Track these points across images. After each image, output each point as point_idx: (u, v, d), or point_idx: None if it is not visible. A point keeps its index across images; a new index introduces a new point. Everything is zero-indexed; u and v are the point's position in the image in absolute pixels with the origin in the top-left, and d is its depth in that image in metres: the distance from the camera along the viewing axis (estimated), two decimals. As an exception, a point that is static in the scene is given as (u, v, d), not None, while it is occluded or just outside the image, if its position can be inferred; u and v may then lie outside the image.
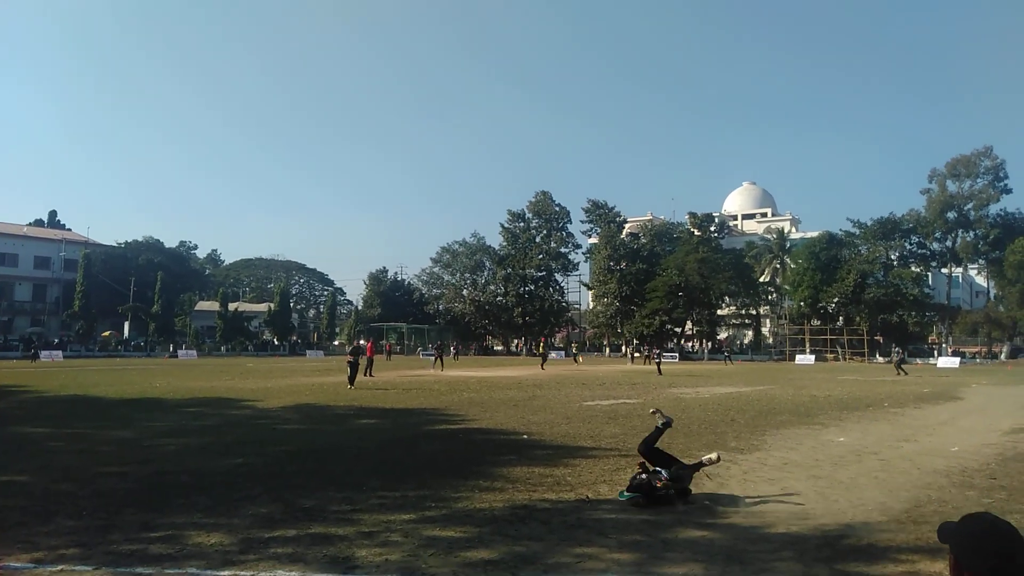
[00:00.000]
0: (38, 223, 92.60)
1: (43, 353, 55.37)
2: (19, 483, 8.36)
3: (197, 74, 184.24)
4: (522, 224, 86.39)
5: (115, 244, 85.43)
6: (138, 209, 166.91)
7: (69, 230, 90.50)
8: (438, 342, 51.55)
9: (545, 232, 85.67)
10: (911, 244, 72.34)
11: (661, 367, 39.11)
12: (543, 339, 60.08)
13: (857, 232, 71.34)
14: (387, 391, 22.98)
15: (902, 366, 39.78)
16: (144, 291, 75.71)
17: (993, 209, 68.35)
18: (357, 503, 7.32)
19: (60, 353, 56.75)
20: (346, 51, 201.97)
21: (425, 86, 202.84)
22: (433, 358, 42.13)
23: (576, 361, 51.46)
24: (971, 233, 69.47)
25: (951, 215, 68.97)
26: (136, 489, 7.96)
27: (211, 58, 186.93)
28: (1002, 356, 65.33)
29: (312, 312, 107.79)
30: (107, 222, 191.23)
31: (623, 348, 77.81)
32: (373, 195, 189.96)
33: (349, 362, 24.94)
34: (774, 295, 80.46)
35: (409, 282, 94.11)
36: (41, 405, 18.35)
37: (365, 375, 30.83)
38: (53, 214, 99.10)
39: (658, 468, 7.40)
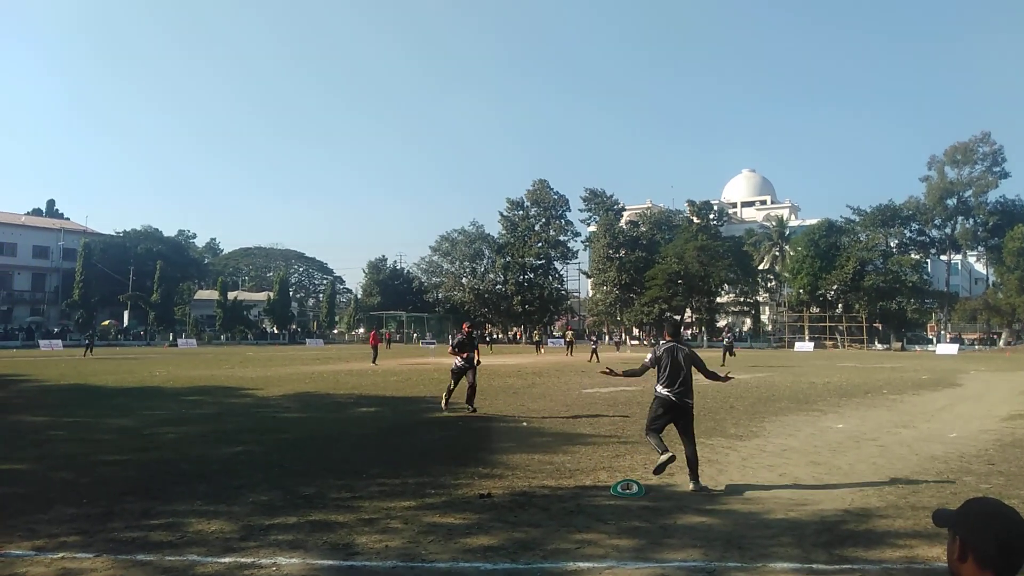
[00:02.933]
0: (36, 212, 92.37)
1: (42, 343, 55.59)
2: (19, 471, 8.38)
3: (198, 61, 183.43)
4: (521, 212, 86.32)
5: (114, 233, 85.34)
6: (137, 198, 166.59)
7: (67, 219, 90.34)
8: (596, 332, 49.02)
9: (544, 220, 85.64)
10: (910, 231, 72.30)
11: (598, 354, 35.87)
12: (540, 328, 57.45)
13: (857, 219, 71.28)
14: (387, 379, 23.01)
15: (732, 350, 37.31)
16: (143, 280, 75.72)
17: (992, 196, 68.31)
18: (357, 490, 7.34)
19: (60, 342, 56.84)
20: (342, 39, 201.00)
21: (424, 75, 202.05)
22: (591, 347, 38.12)
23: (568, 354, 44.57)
24: (970, 220, 69.39)
25: (950, 202, 68.86)
26: (136, 477, 7.97)
27: (212, 44, 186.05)
28: (1001, 342, 65.47)
29: (311, 301, 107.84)
30: (105, 211, 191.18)
31: (622, 335, 77.95)
32: (371, 184, 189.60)
33: (456, 368, 14.03)
34: (773, 282, 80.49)
35: (408, 270, 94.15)
36: (41, 394, 18.37)
37: (372, 363, 30.91)
38: (51, 203, 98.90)
39: None
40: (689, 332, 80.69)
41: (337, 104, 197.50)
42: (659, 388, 7.84)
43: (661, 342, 8.17)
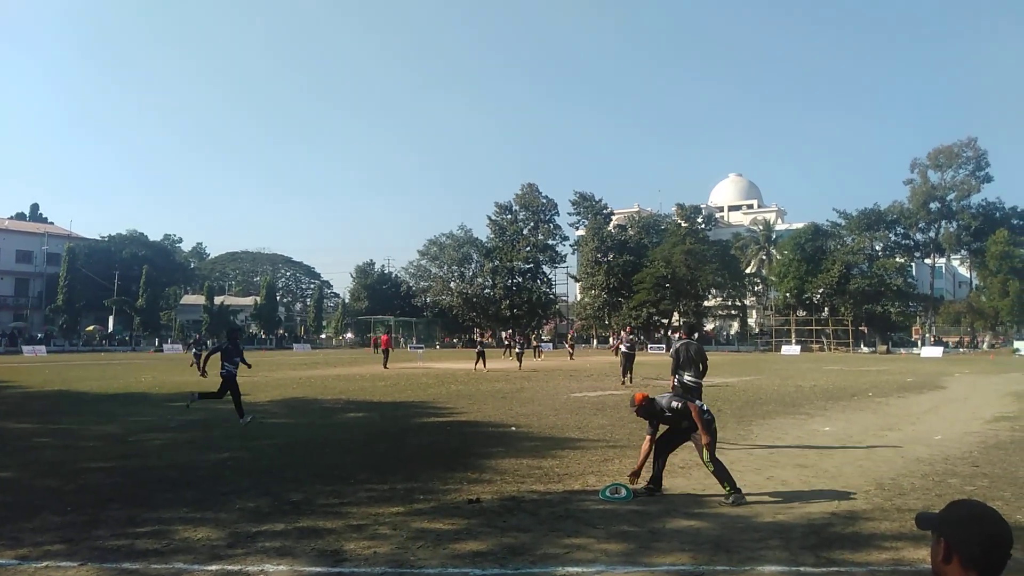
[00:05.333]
0: (20, 216, 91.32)
1: (25, 348, 54.84)
2: (3, 479, 8.30)
3: (186, 64, 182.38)
4: (509, 216, 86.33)
5: (98, 237, 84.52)
6: (122, 202, 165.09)
7: (51, 223, 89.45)
8: (504, 332, 42.10)
9: (532, 224, 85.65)
10: (895, 235, 72.77)
11: (523, 360, 33.91)
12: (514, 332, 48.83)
13: (842, 223, 71.76)
14: (375, 384, 22.94)
15: (521, 357, 34.45)
16: (128, 285, 75.04)
17: (975, 199, 68.87)
18: (345, 496, 7.31)
19: (44, 348, 56.23)
20: (329, 43, 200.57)
21: (410, 79, 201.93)
22: (514, 350, 35.29)
23: (538, 357, 42.12)
24: (953, 223, 70.01)
25: (933, 205, 69.44)
26: (122, 484, 7.91)
27: (200, 48, 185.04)
28: (984, 345, 66.06)
29: (299, 305, 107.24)
30: (90, 215, 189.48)
31: (610, 340, 77.99)
32: (360, 188, 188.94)
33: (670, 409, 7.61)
34: (760, 286, 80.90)
35: (396, 275, 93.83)
36: (25, 400, 18.18)
37: (383, 367, 30.70)
38: (35, 207, 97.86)
39: None
40: (677, 335, 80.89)
41: (325, 108, 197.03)
42: (683, 376, 10.12)
43: (679, 339, 10.94)
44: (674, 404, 7.44)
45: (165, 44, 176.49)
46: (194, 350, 25.80)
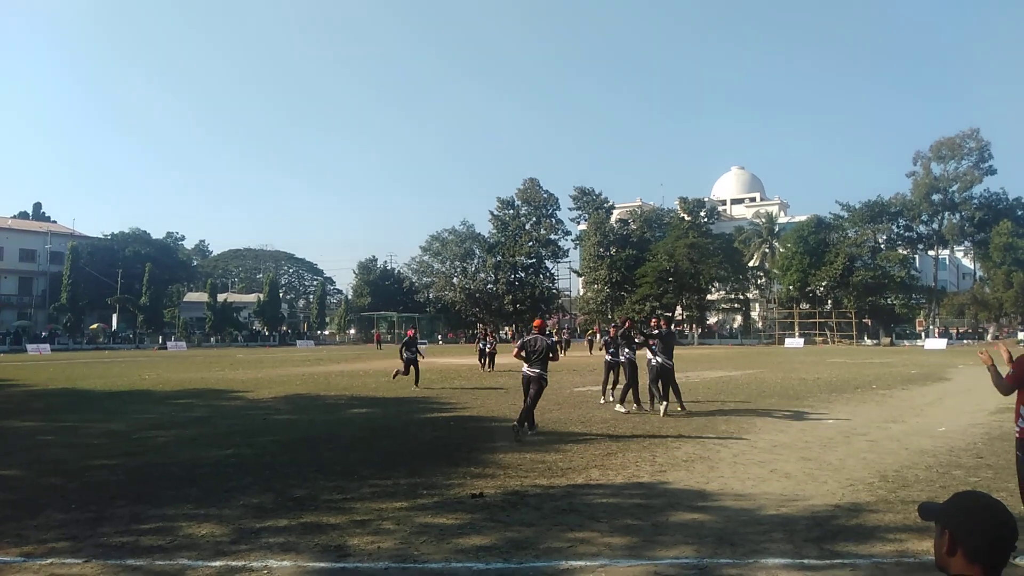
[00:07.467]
0: (23, 215, 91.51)
1: (30, 347, 54.98)
2: (8, 477, 8.32)
3: (175, 70, 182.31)
4: (511, 211, 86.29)
5: (101, 236, 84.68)
6: (125, 200, 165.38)
7: (54, 222, 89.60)
8: (484, 331, 32.66)
9: (534, 219, 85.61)
10: (898, 227, 72.63)
11: (494, 359, 27.53)
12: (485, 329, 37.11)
13: (845, 215, 71.60)
14: (379, 380, 22.95)
15: (493, 358, 27.84)
16: (132, 283, 75.19)
17: (978, 190, 68.64)
18: (349, 492, 7.32)
19: (48, 346, 56.39)
20: (327, 42, 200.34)
21: (409, 75, 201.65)
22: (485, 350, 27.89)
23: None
24: (957, 215, 69.79)
25: (936, 197, 69.23)
26: (126, 481, 7.93)
27: (188, 54, 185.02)
28: (988, 337, 65.94)
29: (302, 302, 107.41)
30: (93, 214, 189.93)
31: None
32: (362, 184, 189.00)
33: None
34: (763, 279, 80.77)
35: (399, 271, 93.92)
36: (30, 399, 18.22)
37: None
38: (38, 206, 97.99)
39: None
40: (680, 329, 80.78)
41: (328, 105, 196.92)
42: (656, 358, 13.20)
43: (657, 330, 13.69)
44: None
45: (160, 64, 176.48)
46: (481, 345, 25.15)
